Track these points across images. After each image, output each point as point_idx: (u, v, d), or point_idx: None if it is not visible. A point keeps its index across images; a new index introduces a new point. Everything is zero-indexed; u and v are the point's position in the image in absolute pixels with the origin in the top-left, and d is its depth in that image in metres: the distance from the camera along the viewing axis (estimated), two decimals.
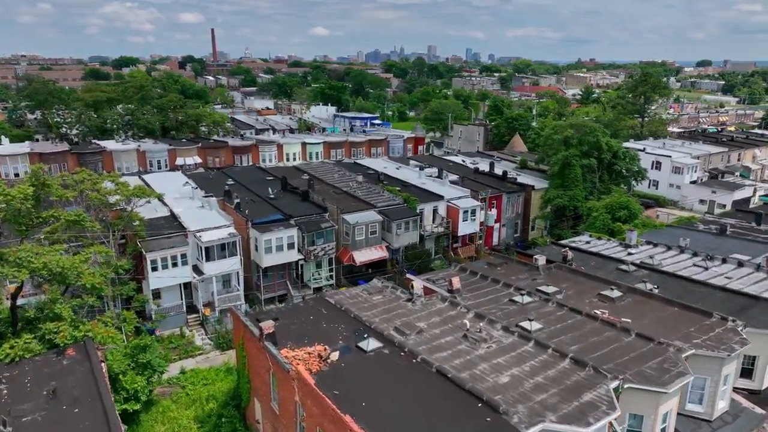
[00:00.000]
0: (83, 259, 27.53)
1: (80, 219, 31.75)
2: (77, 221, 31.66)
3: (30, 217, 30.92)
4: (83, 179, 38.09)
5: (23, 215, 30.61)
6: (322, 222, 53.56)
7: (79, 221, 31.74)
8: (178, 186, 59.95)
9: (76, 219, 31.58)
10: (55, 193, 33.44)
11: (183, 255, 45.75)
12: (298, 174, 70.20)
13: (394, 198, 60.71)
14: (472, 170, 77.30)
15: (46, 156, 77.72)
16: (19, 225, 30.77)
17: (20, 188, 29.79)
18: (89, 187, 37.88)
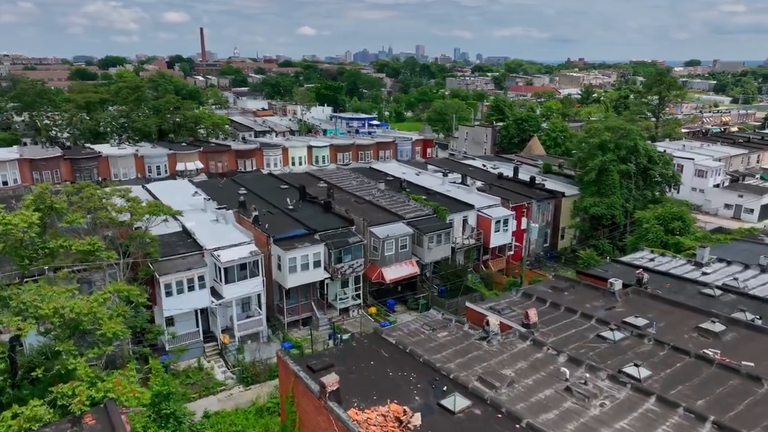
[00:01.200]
0: (101, 300, 22.39)
1: (95, 249, 26.64)
2: (92, 251, 26.56)
3: (34, 248, 25.76)
4: (90, 195, 32.77)
5: (26, 246, 25.42)
6: (350, 236, 48.57)
7: (94, 251, 26.62)
8: (187, 196, 54.63)
9: (90, 249, 26.48)
10: (66, 220, 28.26)
11: (201, 277, 40.54)
12: (313, 181, 65.05)
13: (422, 208, 55.84)
14: (496, 176, 72.61)
15: (37, 163, 72.05)
16: (21, 258, 25.57)
17: (23, 215, 24.63)
18: (97, 204, 32.62)
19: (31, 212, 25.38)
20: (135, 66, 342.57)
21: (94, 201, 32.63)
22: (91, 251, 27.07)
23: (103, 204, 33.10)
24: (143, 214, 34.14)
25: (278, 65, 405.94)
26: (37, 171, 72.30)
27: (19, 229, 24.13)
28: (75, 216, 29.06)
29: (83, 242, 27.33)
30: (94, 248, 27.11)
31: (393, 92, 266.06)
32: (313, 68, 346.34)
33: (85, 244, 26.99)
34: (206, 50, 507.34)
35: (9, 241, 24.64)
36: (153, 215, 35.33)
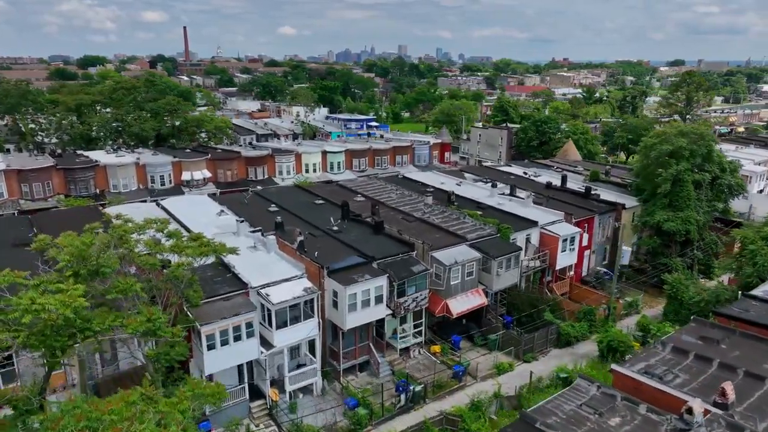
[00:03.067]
0: None
1: (157, 327, 18.90)
2: (153, 330, 18.80)
3: (71, 332, 17.93)
4: (123, 234, 24.80)
5: (59, 332, 17.61)
6: (412, 264, 40.97)
7: (155, 330, 18.89)
8: (212, 216, 46.63)
9: (150, 328, 18.75)
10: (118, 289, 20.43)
11: (249, 324, 32.66)
12: (347, 194, 57.34)
13: (482, 226, 48.49)
14: (543, 185, 65.51)
15: (26, 174, 63.34)
16: (52, 350, 17.69)
17: (64, 296, 16.85)
18: (132, 246, 24.68)
19: (72, 283, 17.61)
20: (116, 65, 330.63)
21: (130, 243, 24.67)
22: (153, 330, 19.42)
23: (133, 244, 25.11)
24: (193, 256, 26.24)
25: (264, 65, 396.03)
26: (26, 183, 63.51)
27: (56, 315, 16.49)
28: (129, 283, 21.19)
29: (141, 318, 19.58)
30: (156, 326, 19.47)
31: (387, 92, 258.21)
32: (300, 68, 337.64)
33: (144, 321, 19.28)
34: (191, 50, 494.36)
35: (37, 330, 16.87)
36: (204, 256, 27.42)
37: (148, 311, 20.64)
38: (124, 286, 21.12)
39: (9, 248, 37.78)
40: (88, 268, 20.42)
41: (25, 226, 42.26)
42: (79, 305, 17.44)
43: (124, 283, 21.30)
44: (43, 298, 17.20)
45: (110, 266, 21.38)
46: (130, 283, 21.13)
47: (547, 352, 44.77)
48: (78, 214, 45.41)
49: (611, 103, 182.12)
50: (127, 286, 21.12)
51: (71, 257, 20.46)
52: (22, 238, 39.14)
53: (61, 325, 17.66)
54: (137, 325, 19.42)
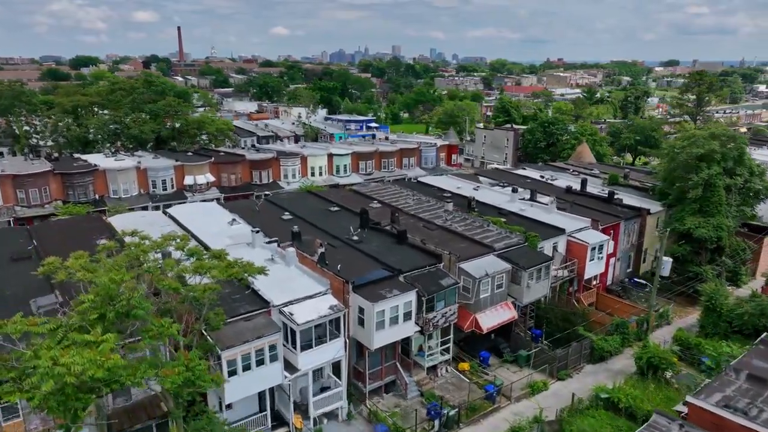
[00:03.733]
0: None
1: (196, 374, 16.16)
2: (192, 381, 16.04)
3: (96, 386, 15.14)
4: (140, 255, 21.98)
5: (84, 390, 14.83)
6: (441, 278, 38.31)
7: (194, 379, 16.13)
8: (223, 225, 43.79)
9: (190, 378, 16.03)
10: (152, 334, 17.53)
11: (273, 347, 29.89)
12: (361, 200, 54.68)
13: (509, 235, 45.89)
14: (563, 189, 63.00)
15: (22, 179, 60.21)
16: (74, 414, 14.83)
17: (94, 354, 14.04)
18: (154, 271, 21.82)
19: (99, 331, 14.81)
20: (110, 66, 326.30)
21: (154, 270, 21.79)
22: (192, 380, 16.74)
23: (155, 268, 22.21)
24: (220, 278, 23.38)
25: (259, 65, 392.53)
26: (21, 189, 60.43)
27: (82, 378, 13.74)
28: (164, 325, 18.33)
29: (179, 367, 16.81)
30: (196, 375, 16.77)
31: (386, 93, 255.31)
32: (296, 68, 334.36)
33: (182, 371, 16.54)
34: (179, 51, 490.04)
35: (57, 386, 14.12)
36: (234, 278, 24.60)
37: (185, 356, 17.86)
38: (160, 329, 18.29)
39: (8, 263, 34.86)
40: (117, 310, 17.60)
41: (24, 237, 39.31)
42: (114, 364, 14.67)
43: (159, 325, 18.46)
44: (67, 355, 14.36)
45: (144, 307, 18.57)
46: (165, 325, 18.33)
47: (581, 368, 42.21)
48: (80, 224, 42.57)
49: (613, 104, 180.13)
50: (162, 329, 18.30)
51: (97, 297, 17.60)
52: (21, 251, 36.25)
53: (87, 384, 14.88)
54: (175, 377, 16.66)
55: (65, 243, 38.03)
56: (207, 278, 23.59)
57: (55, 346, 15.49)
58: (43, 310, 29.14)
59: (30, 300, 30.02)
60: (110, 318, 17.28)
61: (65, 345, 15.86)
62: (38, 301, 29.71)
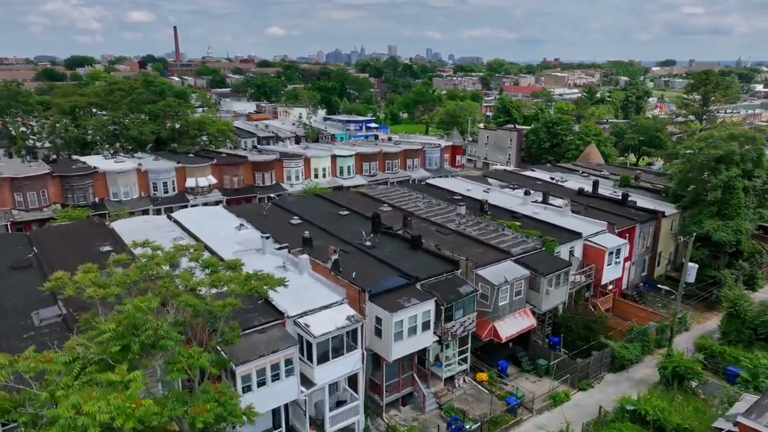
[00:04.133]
0: None
1: (228, 409, 14.72)
2: (224, 416, 14.50)
3: None
4: (154, 268, 20.40)
5: None
6: (459, 285, 36.86)
7: (226, 415, 14.64)
8: (231, 231, 42.20)
9: (222, 414, 14.52)
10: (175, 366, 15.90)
11: (289, 361, 28.38)
12: (371, 203, 53.18)
13: (525, 239, 44.46)
14: (575, 191, 61.61)
15: (20, 182, 58.46)
16: None
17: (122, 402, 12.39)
18: (170, 287, 20.21)
19: (123, 371, 13.17)
20: (105, 66, 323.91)
21: (169, 285, 20.15)
22: (224, 416, 15.17)
23: (170, 282, 20.59)
24: (238, 292, 21.73)
25: (256, 65, 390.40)
26: (19, 192, 58.65)
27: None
28: (193, 355, 16.68)
29: (210, 402, 15.26)
30: (228, 410, 15.16)
31: (385, 93, 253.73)
32: (293, 68, 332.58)
33: (215, 407, 15.02)
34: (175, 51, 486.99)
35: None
36: (256, 292, 22.99)
37: (215, 390, 16.29)
38: (189, 360, 16.64)
39: (8, 272, 33.20)
40: (143, 341, 15.93)
41: (24, 244, 37.63)
42: (147, 412, 13.06)
43: (188, 356, 16.81)
44: (90, 402, 12.66)
45: (173, 337, 16.90)
46: (195, 356, 16.70)
47: (602, 377, 40.83)
48: (81, 230, 40.93)
49: (614, 104, 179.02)
50: (192, 360, 16.66)
51: (120, 326, 15.89)
52: (21, 259, 34.61)
53: None
54: (207, 415, 15.08)
55: (67, 250, 36.49)
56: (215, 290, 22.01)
57: (73, 384, 13.83)
58: (46, 323, 27.59)
59: (32, 312, 28.43)
60: (135, 350, 15.62)
61: (84, 381, 14.22)
62: (41, 313, 28.12)
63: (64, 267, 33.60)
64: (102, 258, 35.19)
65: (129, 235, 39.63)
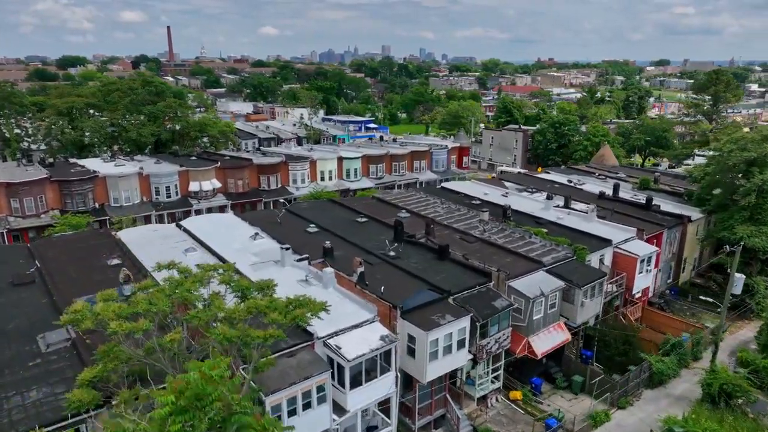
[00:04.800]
0: None
1: None
2: None
3: None
4: (186, 296, 17.88)
5: None
6: (494, 299, 34.47)
7: None
8: (245, 240, 39.61)
9: None
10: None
11: (321, 388, 25.91)
12: (387, 209, 50.76)
13: (554, 247, 42.14)
14: (596, 195, 59.41)
15: (16, 187, 55.65)
16: None
17: None
18: (201, 315, 17.68)
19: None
20: (98, 66, 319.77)
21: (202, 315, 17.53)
22: None
23: (203, 314, 18.06)
24: (278, 321, 19.09)
25: (251, 65, 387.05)
26: (15, 198, 55.82)
27: None
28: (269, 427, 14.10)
29: None
30: None
31: (382, 93, 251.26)
32: (289, 68, 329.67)
33: None
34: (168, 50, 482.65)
35: None
36: (299, 323, 20.33)
37: (258, 422, 13.79)
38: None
39: (9, 289, 30.52)
40: (212, 418, 13.11)
41: (25, 257, 34.92)
42: None
43: (262, 428, 14.08)
44: None
45: (250, 411, 14.11)
46: (268, 427, 14.04)
47: (640, 394, 38.59)
48: (86, 241, 38.25)
49: (616, 104, 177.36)
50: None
51: (182, 399, 13.11)
52: (23, 274, 31.93)
53: None
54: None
55: (72, 263, 33.89)
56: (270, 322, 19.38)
57: None
58: (53, 348, 24.99)
59: (37, 335, 25.81)
60: (201, 429, 12.93)
61: None
62: (47, 337, 25.51)
63: (70, 282, 31.21)
64: (110, 272, 32.73)
65: (137, 246, 37.15)
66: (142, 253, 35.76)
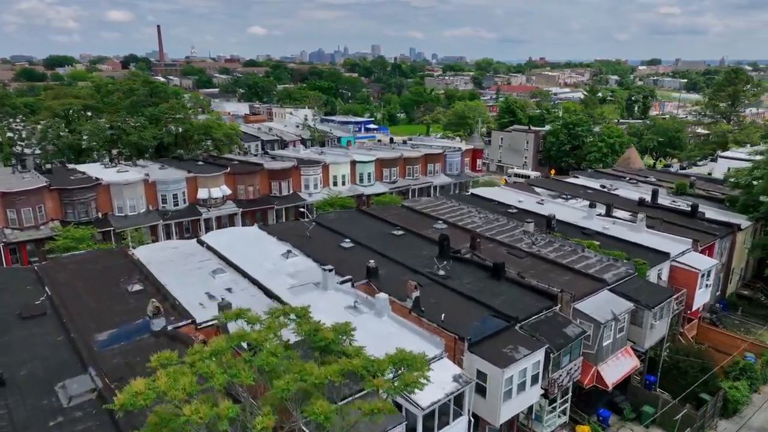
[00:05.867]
0: None
1: None
2: None
3: None
4: (269, 359, 13.93)
5: None
6: (564, 326, 30.73)
7: None
8: (276, 258, 35.58)
9: None
10: None
11: None
12: (419, 218, 46.94)
13: (613, 263, 38.51)
14: (635, 201, 55.90)
15: (13, 197, 51.19)
16: None
17: None
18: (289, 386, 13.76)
19: None
20: (87, 66, 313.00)
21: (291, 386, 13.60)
22: None
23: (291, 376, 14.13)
24: (388, 391, 15.08)
25: (243, 65, 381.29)
26: (12, 208, 51.35)
27: None
28: None
29: None
30: None
31: (382, 93, 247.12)
32: (282, 68, 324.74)
33: None
34: (157, 50, 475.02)
35: None
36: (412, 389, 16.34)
37: None
38: None
39: (17, 323, 26.27)
40: None
41: (32, 282, 30.62)
42: None
43: None
44: None
45: None
46: None
47: (716, 425, 35.03)
48: (100, 262, 33.96)
49: (620, 103, 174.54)
50: None
51: None
52: (32, 305, 27.71)
53: None
54: None
55: (87, 290, 29.72)
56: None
57: None
58: (76, 402, 20.89)
59: (56, 385, 21.70)
60: None
61: None
62: (68, 387, 21.42)
63: (88, 314, 27.00)
64: (131, 299, 28.64)
65: (158, 268, 33.04)
66: (166, 275, 31.69)
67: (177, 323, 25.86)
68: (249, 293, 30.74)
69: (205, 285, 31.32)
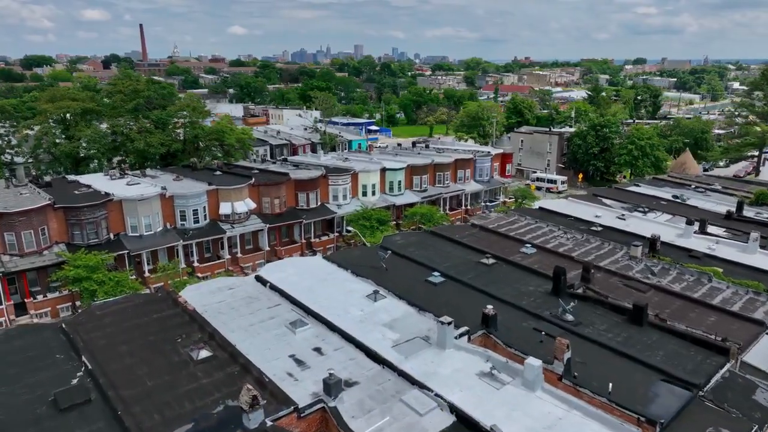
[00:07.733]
0: None
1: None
2: None
3: None
4: None
5: None
6: (750, 390, 24.14)
7: None
8: (360, 300, 28.45)
9: None
10: None
11: None
12: (498, 240, 40.13)
13: (756, 296, 32.15)
14: (721, 215, 49.75)
15: (12, 219, 43.30)
16: None
17: None
18: None
19: None
20: (67, 66, 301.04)
21: None
22: None
23: None
24: None
25: (229, 65, 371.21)
26: (10, 231, 43.48)
27: None
28: None
29: None
30: None
31: (381, 93, 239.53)
32: (270, 68, 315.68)
33: None
34: (138, 50, 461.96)
35: None
36: None
37: None
38: None
39: (55, 418, 18.84)
40: None
41: (62, 349, 23.03)
42: None
43: None
44: None
45: None
46: None
47: None
48: (144, 311, 26.45)
49: (629, 103, 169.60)
50: None
51: None
52: (72, 390, 20.24)
53: None
54: None
55: (138, 358, 22.34)
56: None
57: None
58: None
59: None
60: None
61: None
62: None
63: (148, 398, 19.73)
64: (200, 372, 21.37)
65: (219, 319, 25.82)
66: (233, 331, 24.50)
67: (276, 413, 18.75)
68: (345, 354, 23.71)
69: (285, 344, 24.21)
